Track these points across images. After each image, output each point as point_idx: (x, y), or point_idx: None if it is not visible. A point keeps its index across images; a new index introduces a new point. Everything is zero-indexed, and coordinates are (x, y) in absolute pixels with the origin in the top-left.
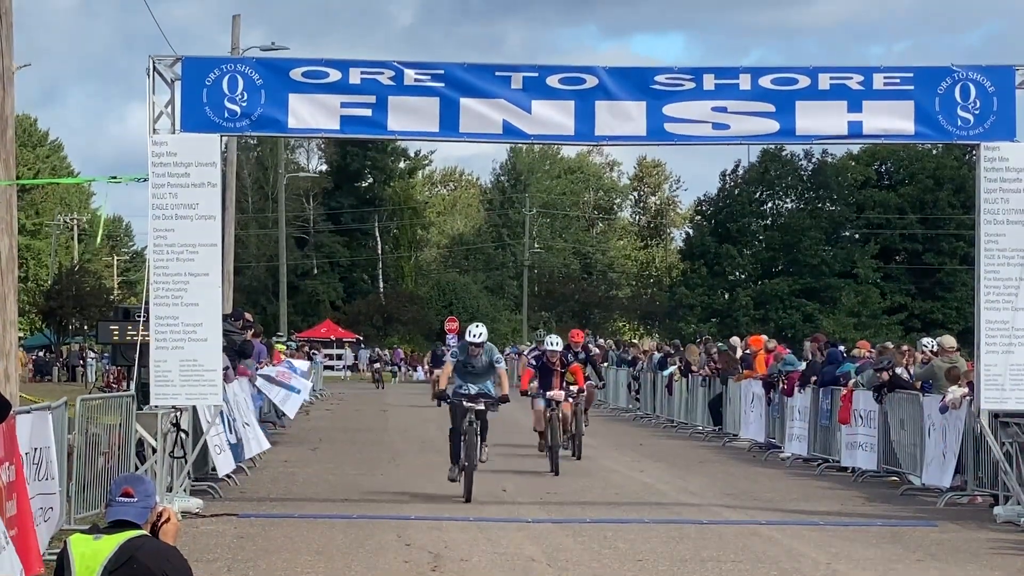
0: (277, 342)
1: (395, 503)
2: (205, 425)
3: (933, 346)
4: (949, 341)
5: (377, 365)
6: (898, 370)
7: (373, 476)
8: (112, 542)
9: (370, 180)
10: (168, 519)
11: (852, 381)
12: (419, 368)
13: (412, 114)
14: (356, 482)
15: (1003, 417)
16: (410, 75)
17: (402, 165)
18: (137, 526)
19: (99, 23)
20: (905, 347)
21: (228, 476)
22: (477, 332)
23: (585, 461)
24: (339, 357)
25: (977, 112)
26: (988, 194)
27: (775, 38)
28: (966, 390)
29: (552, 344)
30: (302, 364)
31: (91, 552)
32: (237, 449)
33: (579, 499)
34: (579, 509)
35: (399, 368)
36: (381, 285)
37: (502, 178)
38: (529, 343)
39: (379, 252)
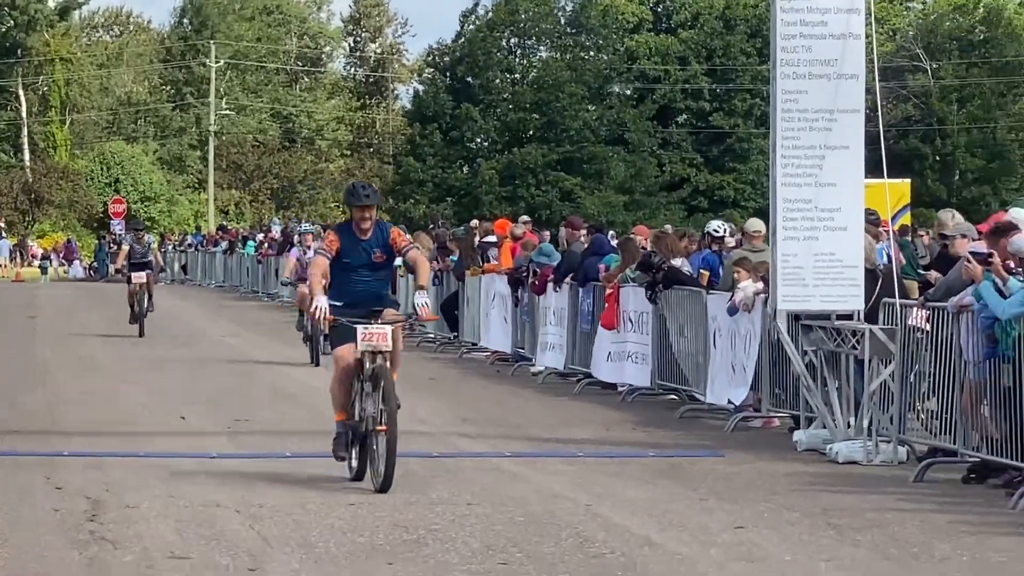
0: None
1: (44, 435)
2: None
3: (724, 230)
4: (755, 224)
5: (141, 279)
6: (676, 262)
7: (17, 402)
8: None
9: (9, 24)
10: None
11: (619, 276)
12: (75, 260)
13: None
14: None
15: (805, 320)
16: None
17: (51, 5)
18: None
19: None
20: (687, 232)
21: None
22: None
23: (285, 376)
24: None
25: None
26: (785, 41)
27: None
28: (760, 286)
29: None
30: None
31: None
32: None
33: (277, 428)
34: (277, 440)
35: (50, 262)
36: (27, 158)
37: (183, 22)
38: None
39: (23, 116)
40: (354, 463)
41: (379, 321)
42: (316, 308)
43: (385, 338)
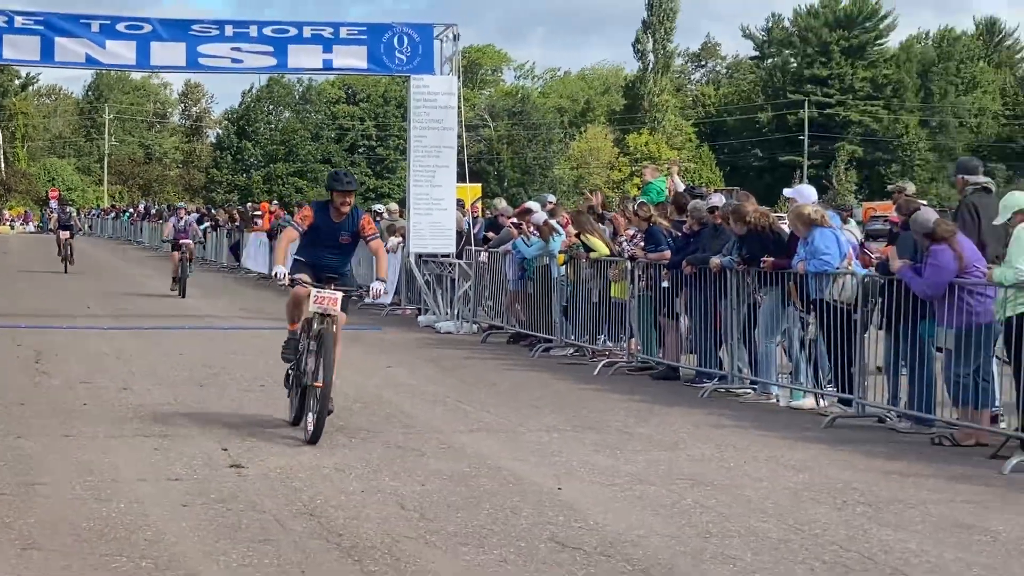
0: None
1: (10, 315)
2: None
3: (383, 209)
4: (395, 207)
5: (66, 235)
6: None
7: None
8: None
9: None
10: None
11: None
12: (30, 222)
13: (20, 47)
14: None
15: (424, 257)
16: (19, 20)
17: (17, 82)
18: None
19: None
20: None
21: None
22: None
23: (150, 285)
24: None
25: (409, 55)
26: (416, 109)
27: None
28: (401, 239)
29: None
30: None
31: None
32: None
33: (141, 313)
34: (143, 320)
35: (15, 223)
36: (2, 167)
37: (90, 93)
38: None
39: (1, 143)
40: (294, 409)
41: (332, 287)
42: (275, 275)
43: (335, 303)
